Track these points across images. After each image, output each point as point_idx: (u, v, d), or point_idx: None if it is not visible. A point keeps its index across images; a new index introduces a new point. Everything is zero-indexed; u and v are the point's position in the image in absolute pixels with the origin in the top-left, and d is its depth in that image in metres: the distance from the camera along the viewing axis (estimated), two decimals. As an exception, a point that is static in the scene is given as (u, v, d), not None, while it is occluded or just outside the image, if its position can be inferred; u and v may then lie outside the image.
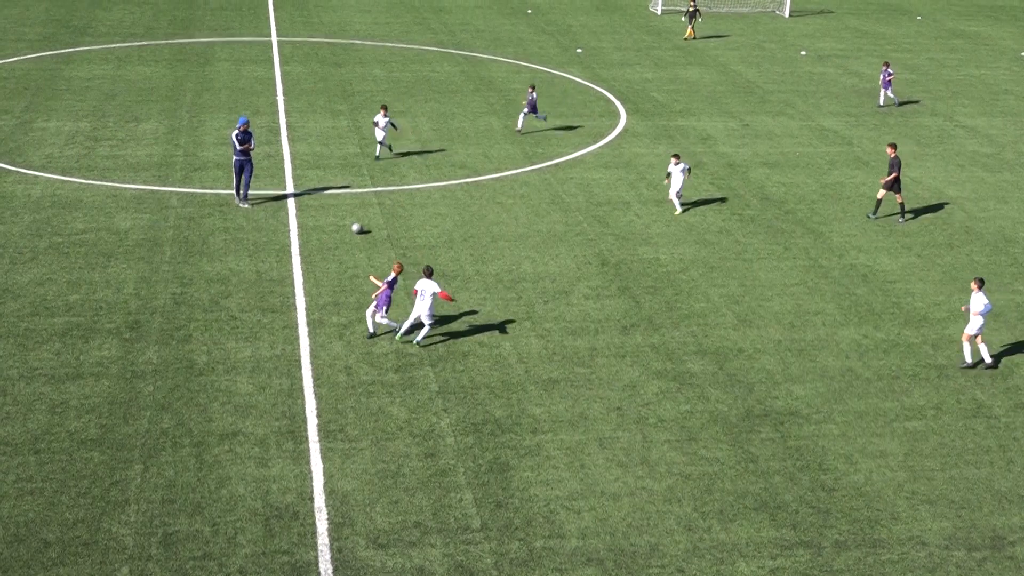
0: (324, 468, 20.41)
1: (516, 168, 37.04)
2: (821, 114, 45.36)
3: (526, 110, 40.10)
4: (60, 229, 30.44)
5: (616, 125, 42.61)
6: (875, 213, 33.71)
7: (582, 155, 38.75)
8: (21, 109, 41.16)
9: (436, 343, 25.03)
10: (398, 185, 34.86)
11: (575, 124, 42.31)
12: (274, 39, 54.46)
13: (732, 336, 26.17)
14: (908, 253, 31.48)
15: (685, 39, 58.52)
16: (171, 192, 33.48)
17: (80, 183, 33.99)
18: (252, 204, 32.52)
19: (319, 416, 22.03)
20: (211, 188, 33.92)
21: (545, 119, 40.86)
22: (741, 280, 29.23)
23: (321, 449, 20.98)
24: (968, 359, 24.98)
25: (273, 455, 20.69)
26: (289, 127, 40.40)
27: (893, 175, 33.01)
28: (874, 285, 29.33)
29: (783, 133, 42.38)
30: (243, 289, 27.32)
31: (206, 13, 60.05)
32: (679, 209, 33.44)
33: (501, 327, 26.03)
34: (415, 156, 37.58)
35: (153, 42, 52.76)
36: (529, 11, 64.70)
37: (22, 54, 49.40)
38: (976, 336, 24.82)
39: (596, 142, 40.34)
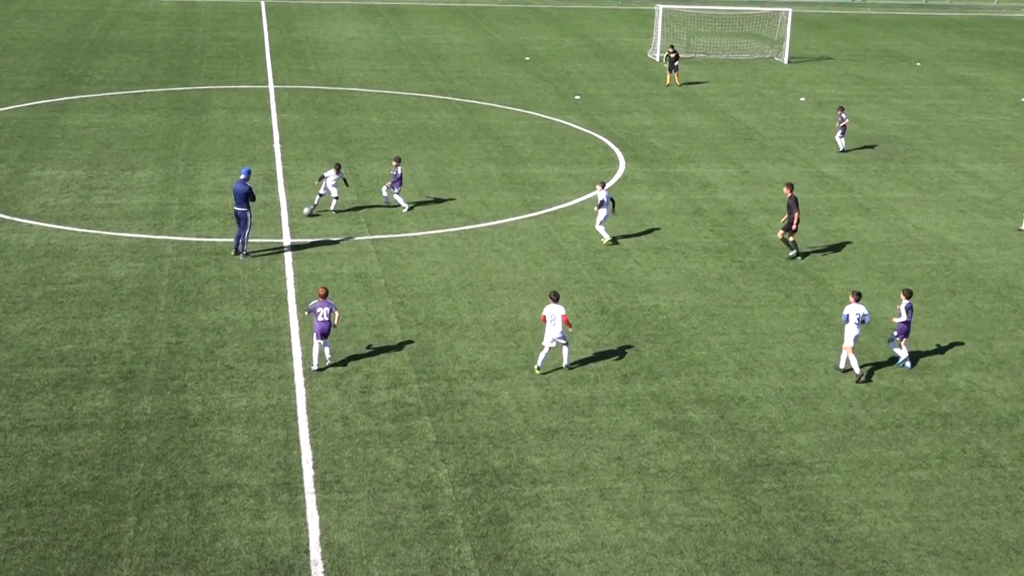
0: (320, 520, 20.30)
1: (514, 216, 37.12)
2: (821, 160, 45.54)
3: (389, 184, 36.59)
4: (54, 278, 30.46)
5: (615, 172, 42.76)
6: (795, 253, 33.88)
7: (581, 202, 38.84)
8: (16, 158, 41.31)
9: (434, 392, 24.99)
10: (395, 233, 34.92)
11: (574, 171, 42.45)
12: (271, 86, 54.75)
13: (733, 384, 26.12)
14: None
15: (667, 85, 58.71)
16: (166, 241, 33.53)
17: (75, 232, 34.05)
18: (249, 255, 32.53)
19: (315, 467, 21.93)
20: (207, 237, 33.97)
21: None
22: (742, 328, 29.22)
23: (317, 501, 20.87)
24: (857, 370, 26.37)
25: (268, 507, 20.59)
26: (286, 175, 40.52)
27: (795, 215, 33.20)
28: (876, 332, 29.30)
29: (783, 179, 42.51)
30: (239, 338, 27.29)
31: (203, 61, 60.40)
32: (606, 238, 33.92)
33: (500, 376, 25.97)
34: (413, 204, 37.64)
35: (149, 90, 53.04)
36: (527, 58, 65.10)
37: (17, 103, 49.64)
38: (852, 347, 26.41)
39: (595, 189, 40.41)
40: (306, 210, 35.92)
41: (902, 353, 27.20)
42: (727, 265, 33.49)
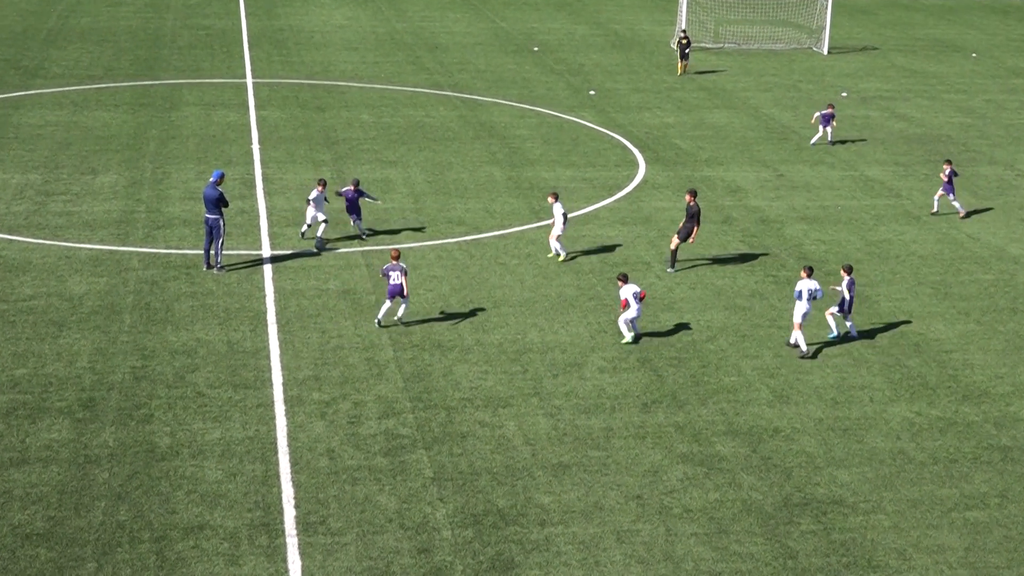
0: (303, 566, 20.29)
1: (521, 224, 37.17)
2: (865, 163, 45.56)
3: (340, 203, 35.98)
4: (5, 295, 30.52)
5: (634, 176, 42.82)
6: (670, 266, 33.84)
7: (596, 210, 38.89)
8: (-36, 160, 41.47)
9: (430, 423, 24.98)
10: (388, 244, 34.95)
11: (588, 175, 42.51)
12: (249, 80, 54.90)
13: (767, 414, 26.10)
14: (966, 319, 31.48)
15: (680, 75, 59.21)
16: (131, 253, 33.59)
17: (29, 243, 34.13)
18: (224, 268, 32.59)
19: (297, 506, 21.93)
20: (177, 248, 34.03)
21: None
22: (776, 350, 29.20)
23: (299, 544, 20.86)
24: (803, 347, 28.68)
25: (245, 551, 20.58)
26: (265, 179, 40.60)
27: (692, 226, 33.19)
28: (928, 356, 29.28)
29: (822, 184, 42.54)
30: (212, 362, 27.31)
31: (173, 52, 60.61)
32: (562, 254, 34.04)
33: (505, 404, 25.98)
34: (408, 212, 37.72)
35: (113, 84, 53.21)
36: (536, 48, 65.25)
37: (-34, 98, 49.85)
38: (800, 323, 28.64)
39: (612, 195, 40.51)
40: (304, 231, 35.02)
41: (834, 328, 29.68)
42: (760, 280, 33.50)
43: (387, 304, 29.23)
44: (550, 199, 34.07)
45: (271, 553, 20.58)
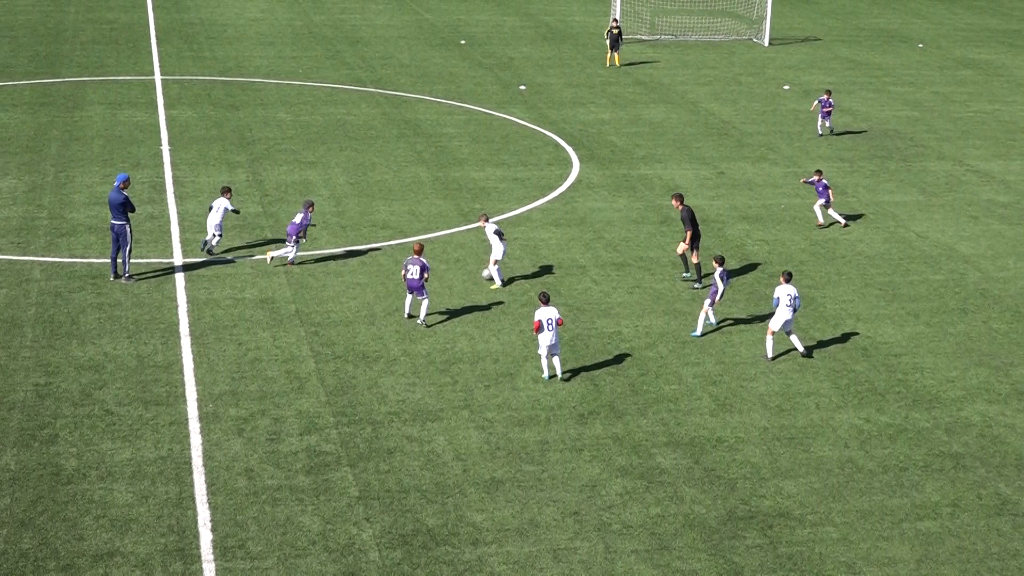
0: (221, 593, 20.19)
1: (449, 228, 37.19)
2: (809, 159, 46.01)
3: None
4: None
5: (568, 175, 42.97)
6: (695, 279, 33.50)
7: (527, 211, 38.99)
8: None
9: (355, 438, 24.93)
10: (308, 250, 34.86)
11: (519, 174, 42.61)
12: (157, 78, 54.53)
13: (710, 424, 26.28)
14: (915, 321, 31.87)
15: (608, 67, 59.78)
16: (33, 262, 33.27)
17: (-78, 253, 33.73)
18: (133, 277, 32.36)
19: (214, 530, 21.81)
20: (82, 257, 33.74)
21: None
22: (719, 357, 29.41)
23: (217, 570, 20.75)
24: (770, 353, 29.09)
25: (158, 579, 20.45)
26: (176, 182, 40.35)
27: (689, 232, 32.96)
28: (876, 360, 29.62)
29: (765, 182, 42.92)
30: (121, 378, 27.11)
31: (75, 48, 60.08)
32: (497, 282, 32.90)
33: (434, 418, 25.98)
34: (329, 216, 37.63)
35: (10, 83, 52.65)
36: (463, 41, 65.32)
37: None
38: (781, 329, 28.97)
39: (544, 195, 40.63)
40: (207, 246, 34.48)
41: (712, 321, 30.67)
42: (691, 282, 33.71)
43: (409, 297, 30.40)
44: (480, 222, 33.16)
45: (186, 580, 20.47)
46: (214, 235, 34.14)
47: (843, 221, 38.60)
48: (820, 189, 38.26)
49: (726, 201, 40.70)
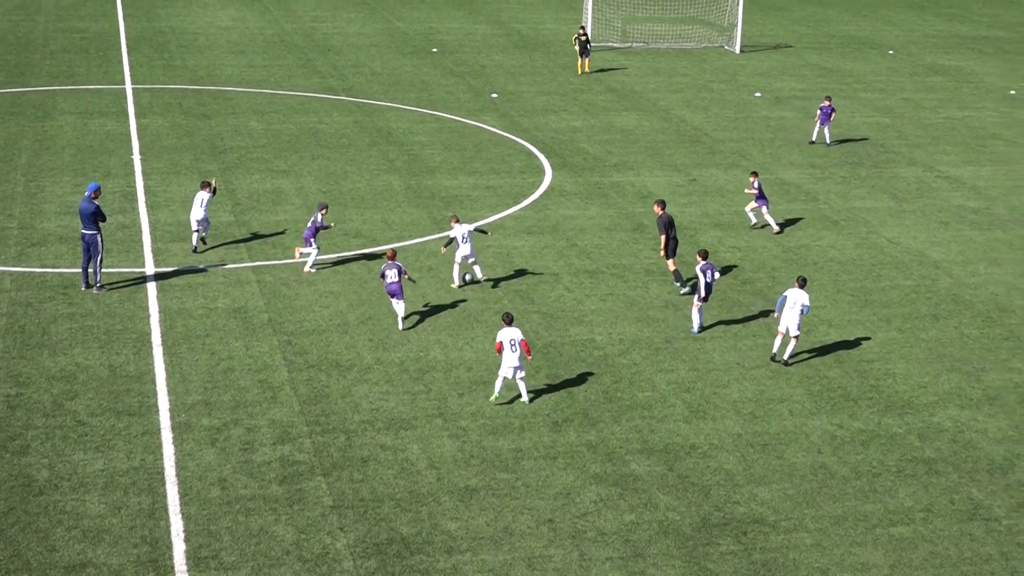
0: (194, 604, 20.13)
1: (422, 236, 37.17)
2: (781, 166, 46.17)
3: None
4: None
5: (540, 183, 43.00)
6: (682, 284, 33.62)
7: (500, 219, 39.00)
8: None
9: (329, 447, 24.89)
10: (280, 259, 34.80)
11: (492, 182, 42.61)
12: (128, 87, 54.37)
13: (683, 430, 26.32)
14: (887, 327, 31.99)
15: (580, 74, 60.34)
16: (3, 272, 33.12)
17: None
18: (105, 287, 32.25)
19: (187, 540, 21.73)
20: (53, 267, 33.61)
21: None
22: (692, 364, 29.47)
23: (190, 581, 20.70)
24: (780, 353, 29.52)
25: (131, 590, 20.37)
26: (148, 191, 40.23)
27: (663, 238, 33.00)
28: (849, 366, 29.71)
29: (737, 189, 43.04)
30: (93, 388, 27.00)
31: (45, 57, 59.85)
32: (456, 282, 33.27)
33: (408, 426, 25.95)
34: (301, 224, 37.56)
35: (-19, 92, 52.44)
36: (435, 49, 65.34)
37: None
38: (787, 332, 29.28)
39: (517, 203, 40.65)
40: (196, 246, 35.12)
41: (694, 327, 31.04)
42: (673, 290, 33.78)
43: (396, 304, 30.55)
44: (452, 220, 33.45)
45: (160, 591, 20.40)
46: (197, 230, 34.70)
47: (776, 227, 38.81)
48: (756, 191, 38.50)
49: (698, 208, 40.79)
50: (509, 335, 26.68)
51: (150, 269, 33.78)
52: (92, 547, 21.40)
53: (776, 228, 38.67)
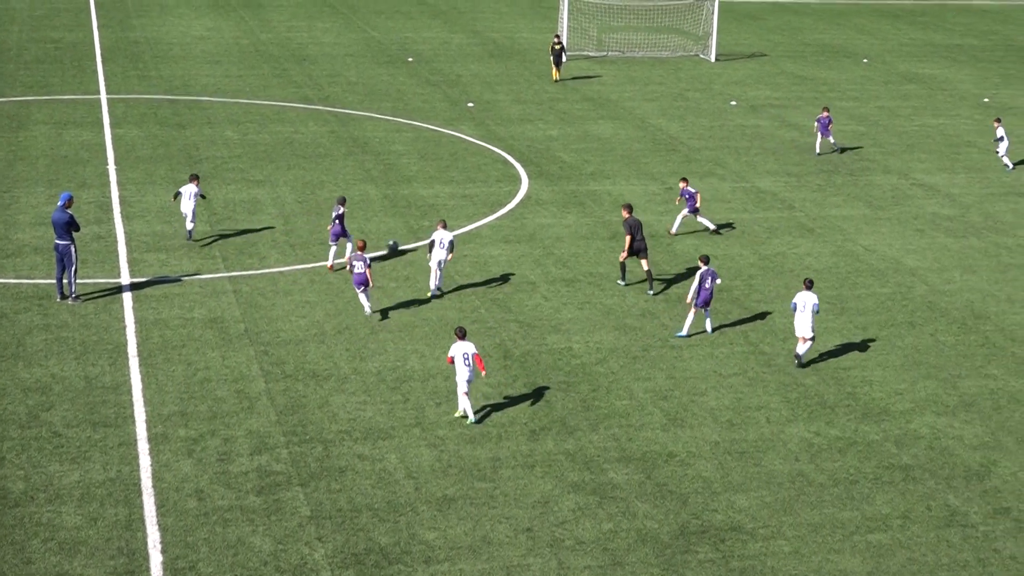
0: (172, 615, 20.05)
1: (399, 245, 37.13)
2: (756, 174, 46.28)
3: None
4: None
5: (517, 192, 43.02)
6: (621, 277, 34.83)
7: (477, 228, 39.00)
8: None
9: (306, 457, 24.83)
10: (257, 269, 34.73)
11: (468, 191, 42.62)
12: (103, 97, 54.22)
13: (661, 438, 26.34)
14: (864, 335, 32.08)
15: (554, 81, 60.72)
16: (-22, 283, 33.00)
17: None
18: (80, 298, 32.14)
19: (164, 552, 21.65)
20: (28, 278, 33.47)
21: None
22: (669, 372, 29.50)
23: (167, 592, 20.62)
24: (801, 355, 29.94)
25: (108, 602, 20.28)
26: (123, 202, 40.11)
27: (628, 237, 33.71)
28: (825, 373, 29.78)
29: (713, 197, 43.12)
30: (68, 399, 26.89)
31: (19, 67, 59.64)
32: (433, 288, 33.36)
33: (385, 436, 25.91)
34: (277, 233, 37.50)
35: (-46, 103, 52.24)
36: (410, 59, 65.34)
37: None
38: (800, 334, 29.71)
39: (493, 212, 40.66)
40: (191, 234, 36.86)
41: (683, 332, 31.35)
42: (650, 299, 33.82)
43: (361, 295, 31.58)
44: (439, 227, 33.26)
45: (137, 603, 20.31)
46: (193, 221, 36.58)
47: (712, 226, 39.24)
48: (687, 197, 38.66)
49: (674, 216, 40.83)
50: (462, 349, 26.31)
51: (126, 279, 33.66)
52: (68, 559, 21.30)
53: (712, 227, 39.32)
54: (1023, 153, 50.47)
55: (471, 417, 26.57)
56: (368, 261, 31.15)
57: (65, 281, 31.99)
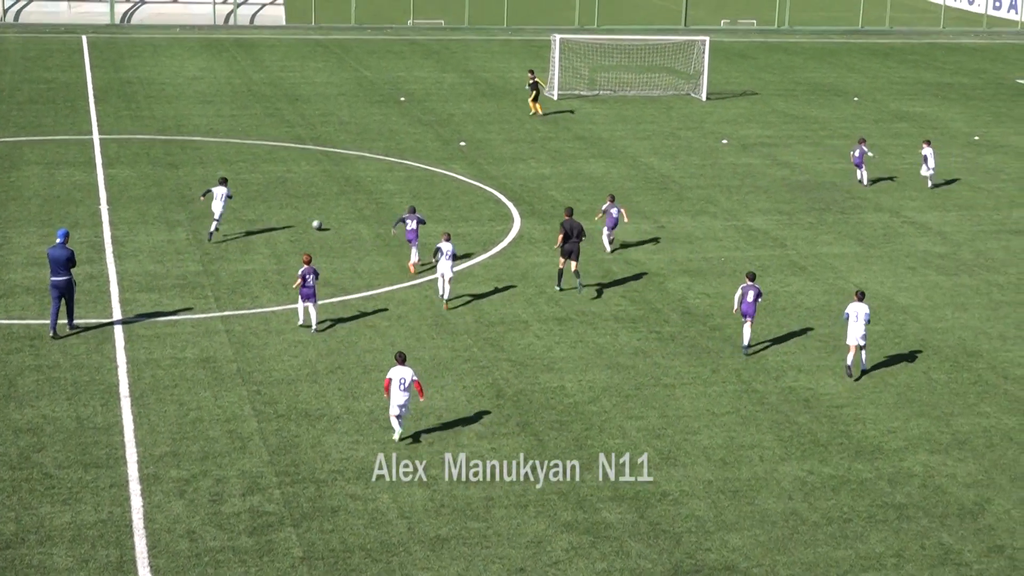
0: (163, 658, 19.95)
1: (391, 284, 37.16)
2: (748, 212, 46.38)
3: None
4: None
5: (509, 230, 43.08)
6: (557, 283, 36.62)
7: (470, 267, 39.03)
8: None
9: (299, 498, 24.77)
10: (249, 308, 34.73)
11: (460, 230, 42.66)
12: (96, 137, 54.32)
13: (654, 477, 26.30)
14: (856, 372, 32.08)
15: (532, 115, 61.40)
16: (-30, 324, 32.97)
17: None
18: (78, 327, 32.15)
19: (156, 593, 21.59)
20: (19, 318, 33.44)
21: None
22: (662, 410, 29.49)
23: (159, 634, 20.53)
24: (850, 365, 31.55)
25: (99, 644, 20.18)
26: (115, 241, 40.12)
27: (560, 236, 35.81)
28: (818, 411, 29.78)
29: (705, 235, 43.20)
30: (60, 440, 26.83)
31: (12, 107, 59.75)
32: (442, 293, 35.26)
33: (377, 476, 25.86)
34: (270, 274, 37.52)
35: (-53, 143, 52.29)
36: (402, 98, 65.52)
37: None
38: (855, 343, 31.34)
39: (486, 251, 40.71)
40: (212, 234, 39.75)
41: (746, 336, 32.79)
42: (643, 337, 33.84)
43: (301, 307, 32.96)
44: (443, 238, 35.20)
45: (128, 645, 20.22)
46: (215, 223, 39.66)
47: (608, 249, 40.97)
48: (611, 215, 40.44)
49: (666, 255, 40.92)
50: (400, 374, 26.70)
51: (118, 319, 33.64)
52: (59, 601, 21.22)
53: (608, 249, 40.89)
54: None
55: (397, 433, 27.12)
56: (318, 274, 32.76)
57: (62, 322, 32.21)
